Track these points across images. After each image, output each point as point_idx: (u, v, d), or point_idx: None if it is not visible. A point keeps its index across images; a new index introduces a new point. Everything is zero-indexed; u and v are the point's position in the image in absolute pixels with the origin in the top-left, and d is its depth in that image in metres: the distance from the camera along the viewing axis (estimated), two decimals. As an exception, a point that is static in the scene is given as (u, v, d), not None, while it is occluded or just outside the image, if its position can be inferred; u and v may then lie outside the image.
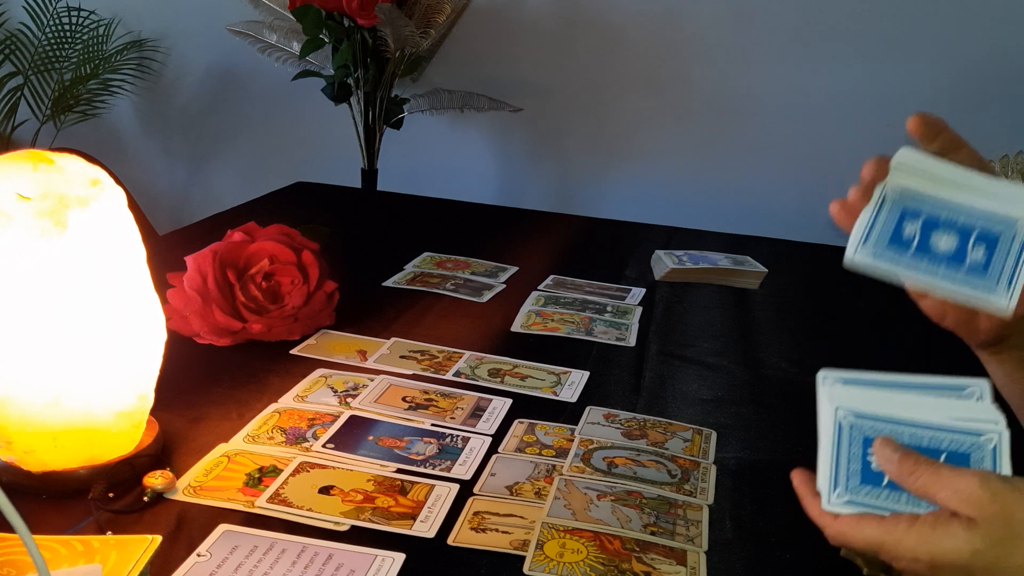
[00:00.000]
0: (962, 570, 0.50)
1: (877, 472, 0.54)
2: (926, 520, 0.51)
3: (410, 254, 1.37)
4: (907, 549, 0.51)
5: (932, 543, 0.50)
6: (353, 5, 1.78)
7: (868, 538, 0.53)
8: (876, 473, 0.55)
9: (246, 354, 0.96)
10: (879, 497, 0.54)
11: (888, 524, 0.52)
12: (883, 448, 0.54)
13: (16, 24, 2.36)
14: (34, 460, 0.69)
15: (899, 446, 0.54)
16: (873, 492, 0.55)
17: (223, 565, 0.62)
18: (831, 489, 0.56)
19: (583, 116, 2.16)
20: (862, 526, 0.54)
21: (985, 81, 1.91)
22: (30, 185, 0.64)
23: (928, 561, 0.51)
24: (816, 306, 1.30)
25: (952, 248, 0.57)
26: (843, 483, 0.55)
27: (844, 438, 0.56)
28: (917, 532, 0.51)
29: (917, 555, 0.51)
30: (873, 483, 0.55)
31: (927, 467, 0.52)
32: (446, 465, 0.77)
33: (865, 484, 0.55)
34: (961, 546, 0.49)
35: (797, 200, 2.03)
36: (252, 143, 2.43)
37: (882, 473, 0.55)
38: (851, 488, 0.55)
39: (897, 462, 0.53)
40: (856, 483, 0.55)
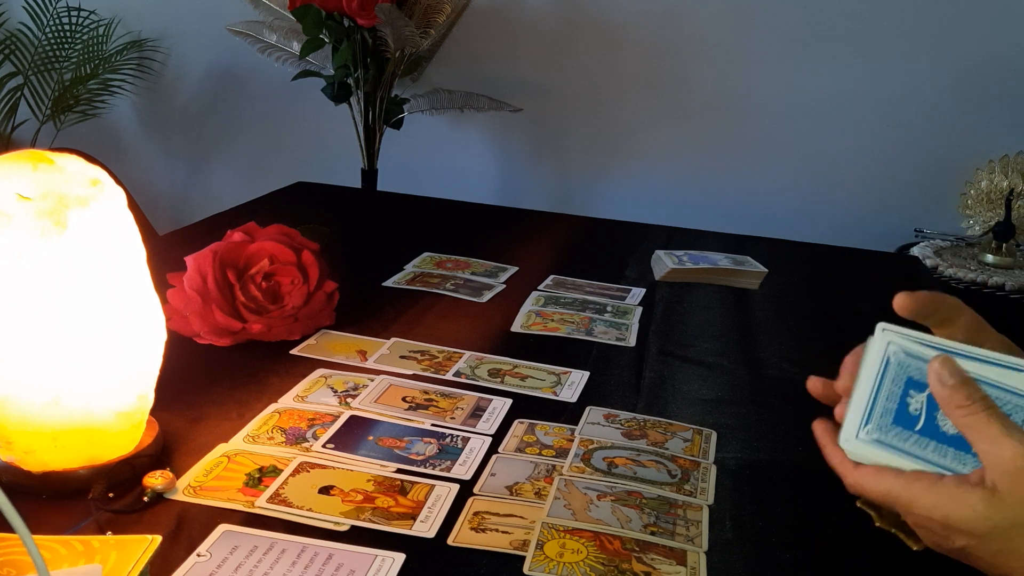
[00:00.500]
0: (975, 536, 0.49)
1: (912, 415, 0.53)
2: (948, 483, 0.50)
3: (410, 254, 1.37)
4: (923, 508, 0.50)
5: (950, 508, 0.49)
6: (353, 5, 1.78)
7: (886, 491, 0.52)
8: (911, 416, 0.53)
9: (246, 354, 0.96)
10: (907, 441, 0.53)
11: (908, 479, 0.51)
12: (941, 368, 0.51)
13: (16, 24, 2.36)
14: (34, 460, 0.69)
15: (959, 371, 0.50)
16: (903, 435, 0.53)
17: (223, 565, 0.62)
18: (862, 423, 0.53)
19: (583, 116, 2.16)
20: (881, 477, 0.52)
21: (985, 81, 1.91)
22: (30, 185, 0.64)
23: (942, 521, 0.50)
24: (816, 306, 1.30)
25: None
26: (876, 420, 0.53)
27: (889, 374, 0.54)
28: (936, 493, 0.50)
29: (932, 514, 0.50)
30: (905, 425, 0.53)
31: (982, 408, 0.50)
32: (446, 465, 0.77)
33: (897, 425, 0.53)
34: (980, 517, 0.48)
35: (797, 200, 2.03)
36: (252, 143, 2.43)
37: (916, 417, 0.53)
38: (882, 426, 0.53)
39: (951, 388, 0.50)
40: (888, 421, 0.53)
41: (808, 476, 0.80)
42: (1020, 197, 1.84)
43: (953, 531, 0.50)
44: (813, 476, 0.80)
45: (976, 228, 1.91)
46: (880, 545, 0.70)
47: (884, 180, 1.98)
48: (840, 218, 1.99)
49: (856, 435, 0.53)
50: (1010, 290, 1.76)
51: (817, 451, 0.59)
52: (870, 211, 1.99)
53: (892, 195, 1.98)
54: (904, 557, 0.68)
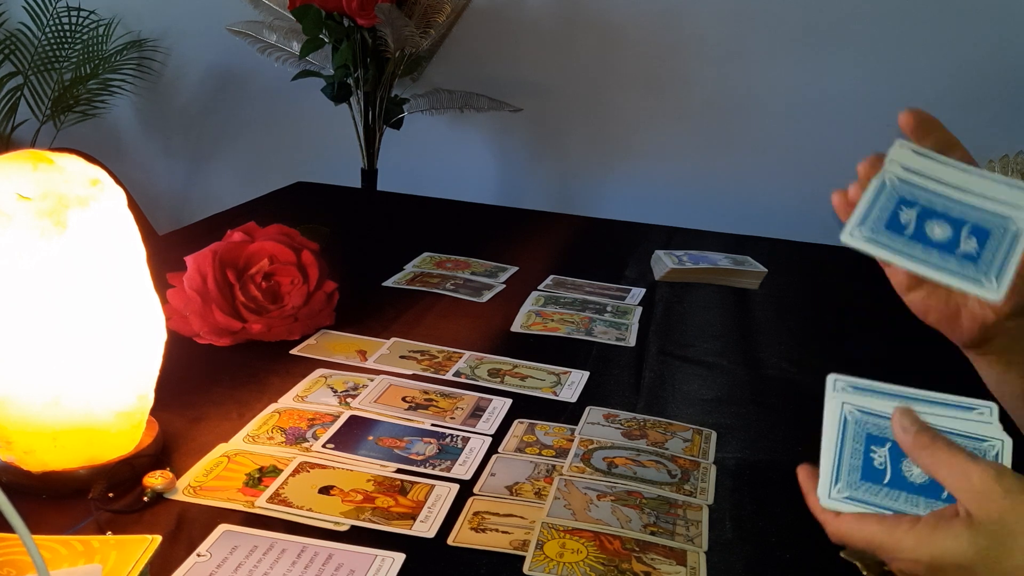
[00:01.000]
0: (963, 569, 0.50)
1: (878, 469, 0.55)
2: (927, 521, 0.51)
3: (410, 254, 1.37)
4: (907, 550, 0.51)
5: (933, 544, 0.50)
6: (353, 5, 1.78)
7: (869, 537, 0.53)
8: (877, 470, 0.55)
9: (246, 354, 0.96)
10: (878, 495, 0.55)
11: (889, 524, 0.52)
12: (902, 417, 0.53)
13: (16, 24, 2.36)
14: (34, 460, 0.69)
15: (918, 419, 0.53)
16: (872, 489, 0.55)
17: (223, 565, 0.62)
18: (832, 483, 0.56)
19: (583, 116, 2.16)
20: (863, 525, 0.53)
21: (985, 81, 1.91)
22: (30, 185, 0.64)
23: (928, 562, 0.50)
24: (816, 306, 1.30)
25: (946, 237, 0.58)
26: (844, 478, 0.56)
27: (848, 433, 0.56)
28: (917, 533, 0.51)
29: (918, 556, 0.51)
30: (873, 480, 0.55)
31: (944, 445, 0.51)
32: (446, 465, 0.77)
33: (865, 480, 0.55)
34: (962, 546, 0.49)
35: (797, 200, 2.02)
36: (252, 143, 2.43)
37: (883, 471, 0.55)
38: (851, 483, 0.55)
39: (914, 434, 0.52)
40: (856, 478, 0.55)
41: (808, 476, 0.80)
42: (1020, 197, 1.83)
43: (939, 570, 0.51)
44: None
45: (976, 228, 1.91)
46: (880, 545, 0.70)
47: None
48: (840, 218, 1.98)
49: (829, 495, 0.55)
50: (1010, 290, 1.76)
51: (817, 451, 0.60)
52: (870, 211, 1.98)
53: (892, 195, 1.98)
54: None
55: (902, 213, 0.60)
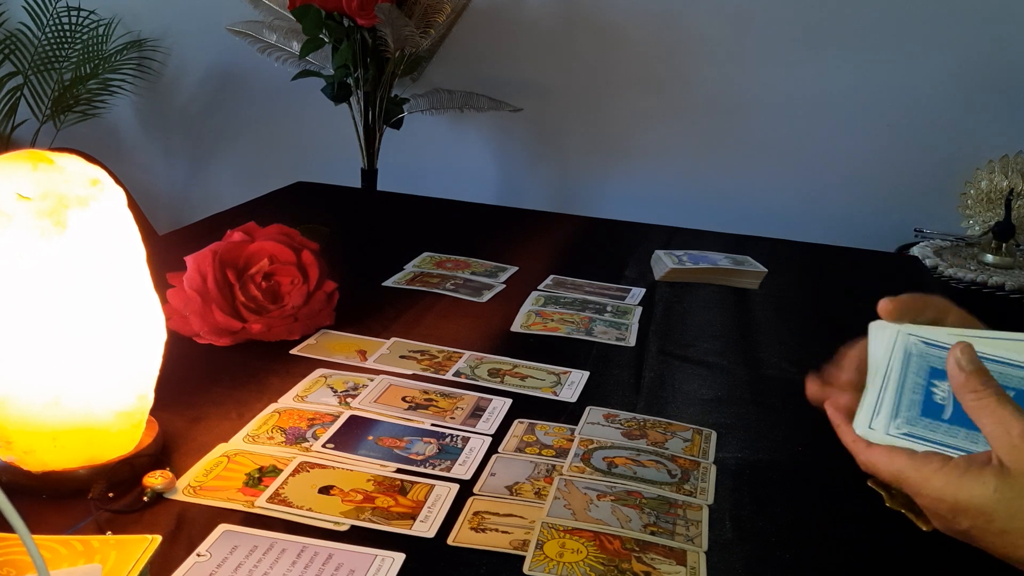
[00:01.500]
0: (982, 515, 0.50)
1: (939, 404, 0.53)
2: (958, 463, 0.51)
3: (410, 254, 1.37)
4: (933, 488, 0.51)
5: (960, 486, 0.50)
6: (353, 5, 1.78)
7: (897, 470, 0.53)
8: (938, 405, 0.53)
9: (246, 354, 0.96)
10: (937, 431, 0.53)
11: (919, 460, 0.52)
12: (961, 355, 0.53)
13: (16, 24, 2.36)
14: (34, 460, 0.69)
15: (976, 360, 0.52)
16: (932, 425, 0.53)
17: (223, 565, 0.62)
18: (891, 417, 0.54)
19: (583, 116, 2.16)
20: (893, 458, 0.53)
21: (985, 81, 1.91)
22: (30, 185, 0.64)
23: (951, 502, 0.51)
24: (816, 306, 1.30)
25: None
26: (904, 412, 0.54)
27: (911, 366, 0.54)
28: (945, 474, 0.51)
29: (942, 495, 0.51)
30: (933, 416, 0.53)
31: (993, 394, 0.51)
32: (446, 465, 0.77)
33: (925, 416, 0.54)
34: (988, 493, 0.49)
35: (797, 200, 2.03)
36: (252, 143, 2.44)
37: (943, 407, 0.53)
38: (910, 419, 0.54)
39: (967, 375, 0.52)
40: (916, 413, 0.54)
41: (808, 476, 0.80)
42: (1020, 197, 1.84)
43: (960, 512, 0.51)
44: (813, 476, 0.80)
45: (976, 228, 1.91)
46: (880, 545, 0.70)
47: (884, 180, 1.98)
48: (840, 218, 1.99)
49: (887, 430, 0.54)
50: (1010, 290, 1.76)
51: (817, 451, 0.60)
52: (870, 211, 1.99)
53: (892, 195, 1.98)
54: (904, 557, 0.69)
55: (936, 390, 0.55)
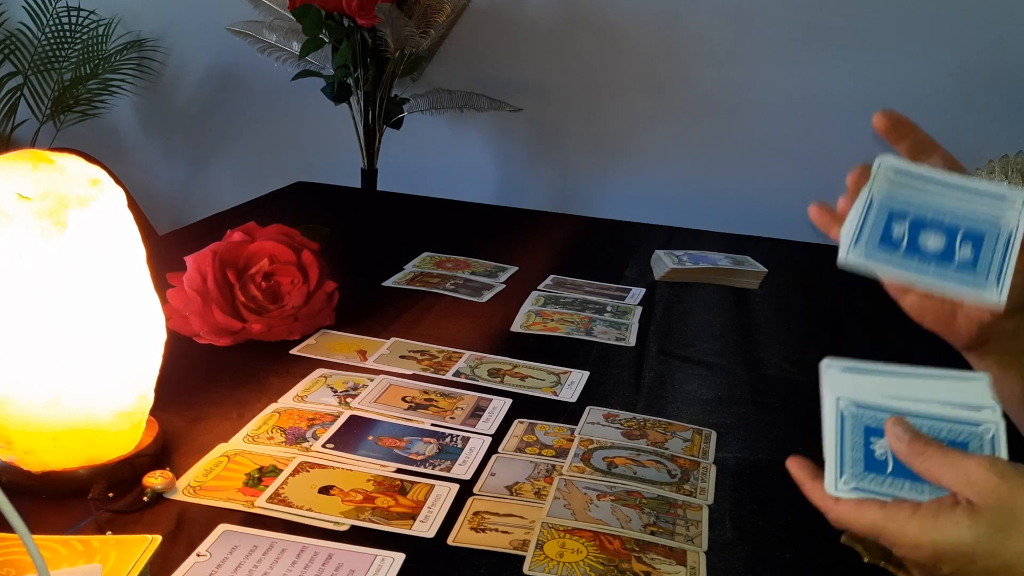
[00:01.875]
0: (964, 556, 0.50)
1: (880, 460, 0.56)
2: (929, 508, 0.51)
3: (410, 254, 1.37)
4: (909, 537, 0.52)
5: (935, 530, 0.51)
6: (353, 5, 1.78)
7: (870, 524, 0.54)
8: (879, 461, 0.56)
9: (246, 354, 0.96)
10: (883, 484, 0.55)
11: (891, 510, 0.53)
12: (894, 427, 0.55)
13: (16, 24, 2.36)
14: (34, 460, 0.69)
15: (909, 427, 0.54)
16: (877, 479, 0.56)
17: (223, 565, 0.62)
18: (837, 476, 0.57)
19: (583, 116, 2.16)
20: (864, 511, 0.54)
21: (985, 81, 1.91)
22: (30, 185, 0.64)
23: (930, 548, 0.51)
24: (816, 306, 1.30)
25: (940, 247, 0.59)
26: (848, 470, 0.56)
27: (847, 427, 0.58)
28: (920, 519, 0.51)
29: (919, 543, 0.51)
30: (877, 471, 0.56)
31: (936, 450, 0.53)
32: (446, 465, 0.77)
33: (869, 471, 0.56)
34: (963, 533, 0.50)
35: (797, 200, 2.02)
36: (252, 143, 2.43)
37: (885, 461, 0.56)
38: (856, 475, 0.56)
39: (907, 443, 0.54)
40: (860, 470, 0.56)
41: (808, 476, 0.80)
42: (1020, 197, 1.83)
43: (940, 557, 0.51)
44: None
45: (976, 228, 1.91)
46: (880, 545, 0.70)
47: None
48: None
49: (836, 488, 0.57)
50: (1010, 290, 1.76)
51: (817, 450, 0.60)
52: (870, 211, 1.99)
53: (892, 195, 1.98)
54: (904, 557, 0.68)
55: (895, 227, 0.60)
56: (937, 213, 0.60)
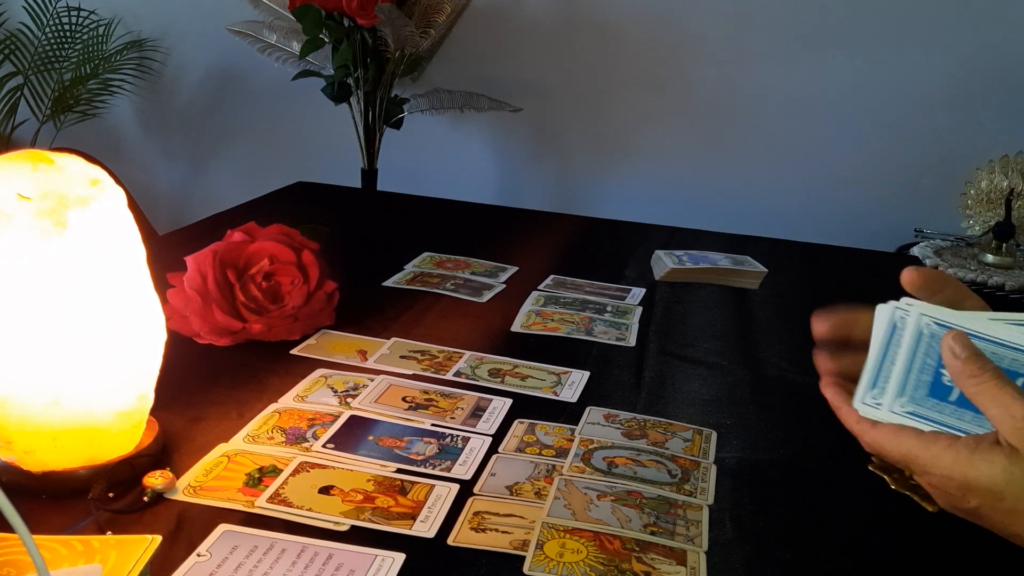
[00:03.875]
0: (993, 494, 0.50)
1: (947, 387, 0.53)
2: (967, 442, 0.51)
3: (410, 254, 1.37)
4: (942, 467, 0.51)
5: (970, 465, 0.50)
6: (353, 5, 1.78)
7: (905, 450, 0.53)
8: (946, 387, 0.54)
9: (246, 354, 0.96)
10: (943, 412, 0.53)
11: (927, 439, 0.52)
12: (954, 342, 0.53)
13: (16, 24, 2.36)
14: (34, 460, 0.69)
15: (970, 344, 0.52)
16: (938, 406, 0.53)
17: (223, 565, 0.62)
18: (897, 395, 0.54)
19: (583, 116, 2.16)
20: (900, 437, 0.53)
21: (985, 81, 1.91)
22: (30, 185, 0.64)
23: (961, 480, 0.51)
24: (816, 306, 1.30)
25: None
26: (910, 392, 0.54)
27: (921, 347, 0.54)
28: (955, 452, 0.51)
29: (951, 473, 0.51)
30: (940, 397, 0.54)
31: (992, 377, 0.51)
32: (446, 465, 0.77)
33: (932, 397, 0.54)
34: (997, 473, 0.49)
35: (797, 200, 2.03)
36: (252, 143, 2.43)
37: (951, 388, 0.54)
38: (916, 399, 0.54)
39: (963, 361, 0.52)
40: (923, 394, 0.54)
41: (808, 476, 0.80)
42: (1020, 197, 1.83)
43: (969, 490, 0.51)
44: (813, 476, 0.80)
45: (976, 228, 1.91)
46: (880, 545, 0.70)
47: (884, 180, 1.98)
48: (840, 218, 1.99)
49: (891, 407, 0.54)
50: (1010, 290, 1.76)
51: (817, 450, 0.60)
52: (870, 211, 1.99)
53: (892, 195, 1.98)
54: (904, 557, 0.69)
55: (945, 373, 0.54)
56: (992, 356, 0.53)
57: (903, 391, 0.54)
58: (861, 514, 0.73)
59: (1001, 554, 0.58)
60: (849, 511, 0.74)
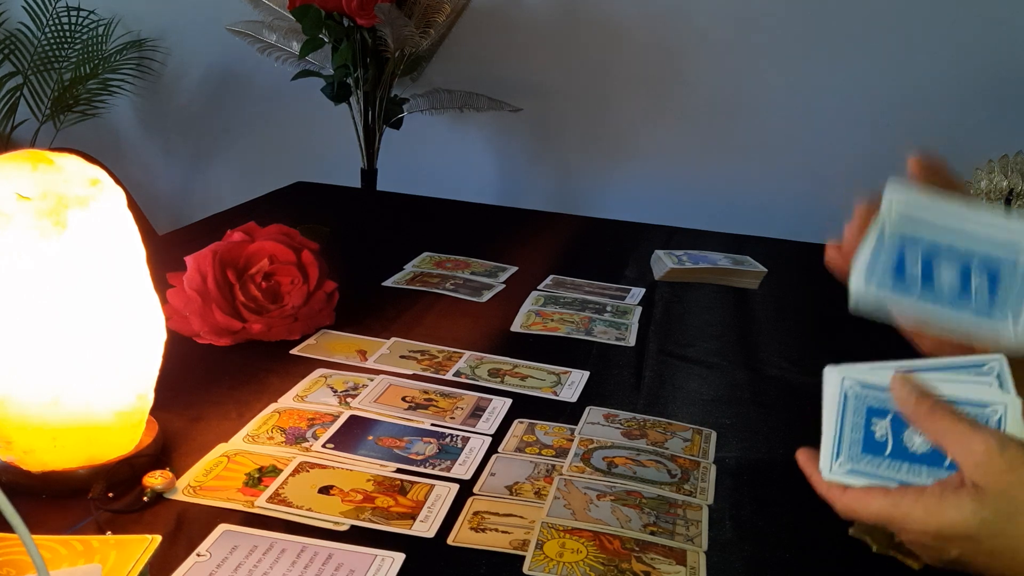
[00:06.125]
0: (968, 539, 0.50)
1: (879, 442, 0.54)
2: (933, 491, 0.51)
3: (410, 254, 1.37)
4: (915, 521, 0.51)
5: (939, 514, 0.50)
6: (353, 5, 1.78)
7: (876, 511, 0.53)
8: (878, 443, 0.54)
9: (246, 354, 0.96)
10: (880, 466, 0.54)
11: (895, 496, 0.52)
12: (902, 385, 0.53)
13: (16, 24, 2.36)
14: (34, 460, 0.69)
15: (917, 385, 0.53)
16: (874, 461, 0.54)
17: (223, 565, 0.62)
18: (833, 458, 0.55)
19: (583, 116, 2.16)
20: (870, 499, 0.53)
21: (985, 81, 1.91)
22: (30, 185, 0.64)
23: (935, 532, 0.50)
24: (816, 306, 1.30)
25: (955, 281, 0.57)
26: (845, 452, 0.55)
27: (849, 407, 0.56)
28: (924, 504, 0.50)
29: (925, 527, 0.51)
30: (874, 452, 0.54)
31: (946, 413, 0.51)
32: (446, 465, 0.77)
33: (867, 453, 0.55)
34: (968, 517, 0.49)
35: (797, 200, 2.02)
36: (252, 143, 2.43)
37: (884, 443, 0.54)
38: (852, 456, 0.55)
39: (915, 402, 0.52)
40: (858, 452, 0.55)
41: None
42: (1020, 197, 1.83)
43: (946, 540, 0.51)
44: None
45: (976, 228, 1.91)
46: (880, 545, 0.70)
47: (884, 180, 1.98)
48: (840, 218, 1.99)
49: (831, 470, 0.55)
50: (1010, 290, 1.76)
51: (817, 450, 0.60)
52: (870, 211, 1.99)
53: (892, 195, 1.98)
54: (904, 557, 0.68)
55: (908, 259, 0.58)
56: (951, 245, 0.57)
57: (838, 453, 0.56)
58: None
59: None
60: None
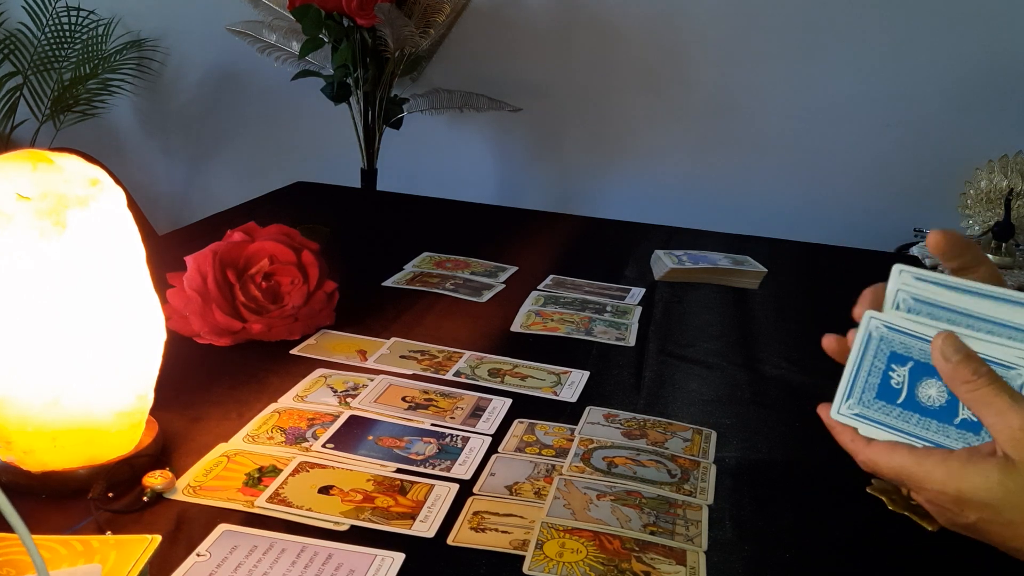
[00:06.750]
0: (988, 507, 0.49)
1: (895, 389, 0.53)
2: (960, 455, 0.50)
3: (410, 254, 1.37)
4: (935, 482, 0.51)
5: (963, 479, 0.49)
6: (353, 5, 1.78)
7: (898, 466, 0.52)
8: (893, 390, 0.53)
9: (246, 354, 0.96)
10: (890, 415, 0.53)
11: (920, 455, 0.51)
12: (945, 344, 0.51)
13: (16, 24, 2.36)
14: (34, 460, 0.69)
15: (963, 347, 0.51)
16: (885, 409, 0.53)
17: (223, 565, 0.62)
18: (844, 398, 0.54)
19: (583, 116, 2.16)
20: (893, 453, 0.53)
21: (985, 81, 1.91)
22: (30, 185, 0.64)
23: (955, 494, 0.50)
24: (816, 306, 1.30)
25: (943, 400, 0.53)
26: (857, 394, 0.54)
27: (870, 349, 0.54)
28: (948, 467, 0.50)
29: (945, 488, 0.50)
30: (887, 400, 0.53)
31: (988, 383, 0.50)
32: (446, 465, 0.77)
33: (880, 399, 0.54)
34: (993, 485, 0.49)
35: (797, 200, 2.03)
36: (252, 143, 2.43)
37: (898, 391, 0.53)
38: (864, 400, 0.54)
39: (955, 365, 0.51)
40: (871, 396, 0.54)
41: (808, 476, 0.80)
42: (1020, 197, 1.84)
43: (966, 505, 0.50)
44: (813, 476, 0.80)
45: (976, 228, 1.91)
46: (880, 546, 0.70)
47: (884, 180, 1.98)
48: (840, 218, 1.99)
49: (838, 410, 0.54)
50: (1010, 290, 1.76)
51: (817, 450, 0.60)
52: (870, 211, 1.99)
53: (892, 195, 1.98)
54: (904, 556, 0.69)
55: (893, 374, 0.54)
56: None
57: (850, 394, 0.55)
58: (861, 513, 0.73)
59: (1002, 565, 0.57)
60: (849, 511, 0.74)
